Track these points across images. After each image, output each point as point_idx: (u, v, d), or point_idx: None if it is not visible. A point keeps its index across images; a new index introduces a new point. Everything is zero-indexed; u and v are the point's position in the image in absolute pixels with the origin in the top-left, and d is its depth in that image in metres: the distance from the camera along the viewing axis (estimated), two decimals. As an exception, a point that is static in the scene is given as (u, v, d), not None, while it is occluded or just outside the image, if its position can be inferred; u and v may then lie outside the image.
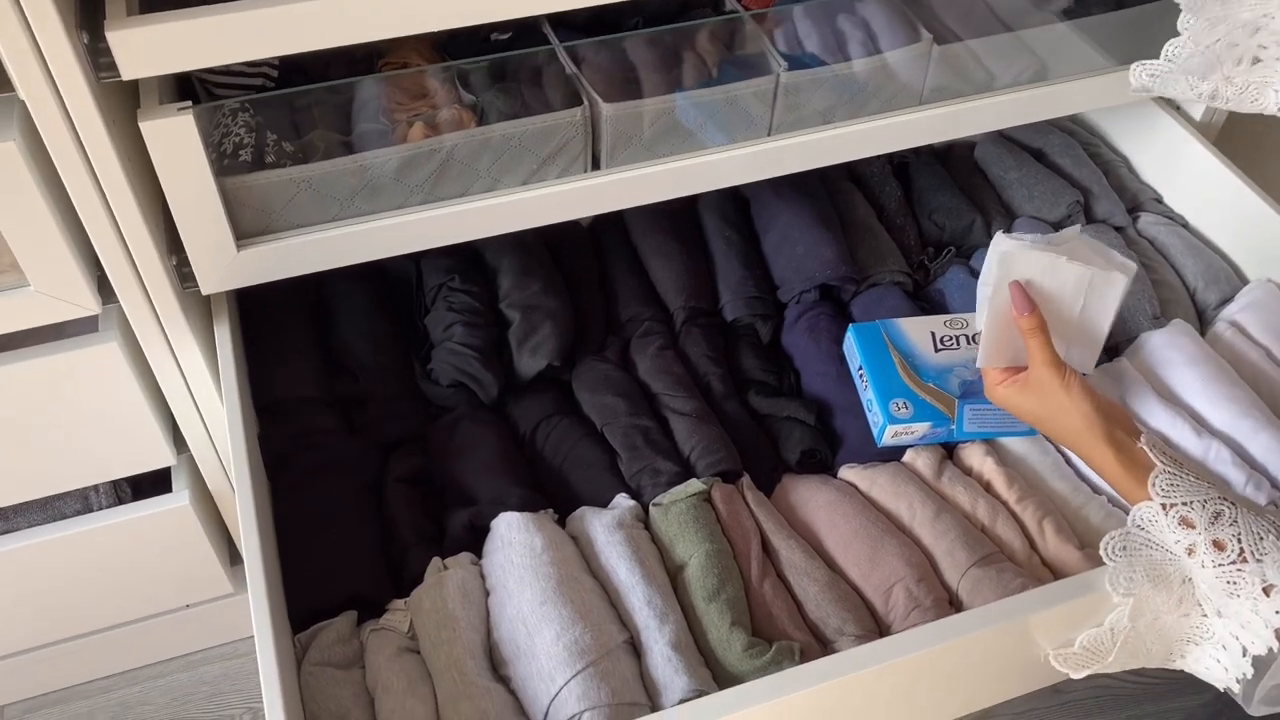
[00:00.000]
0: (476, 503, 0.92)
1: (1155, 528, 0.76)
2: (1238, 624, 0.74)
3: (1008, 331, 0.86)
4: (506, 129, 0.91)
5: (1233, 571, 0.71)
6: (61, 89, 0.74)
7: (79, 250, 0.84)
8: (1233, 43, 0.90)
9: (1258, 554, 0.71)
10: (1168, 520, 0.75)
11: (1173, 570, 0.77)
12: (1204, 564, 0.72)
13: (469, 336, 1.01)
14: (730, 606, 0.85)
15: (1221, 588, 0.72)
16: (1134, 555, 0.78)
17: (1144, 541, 0.77)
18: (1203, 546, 0.73)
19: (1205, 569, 0.72)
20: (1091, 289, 0.86)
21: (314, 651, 0.83)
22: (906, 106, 1.04)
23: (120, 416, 0.96)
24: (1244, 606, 0.72)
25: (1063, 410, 0.81)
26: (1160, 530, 0.75)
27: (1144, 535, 0.77)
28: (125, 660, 1.24)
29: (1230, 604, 0.73)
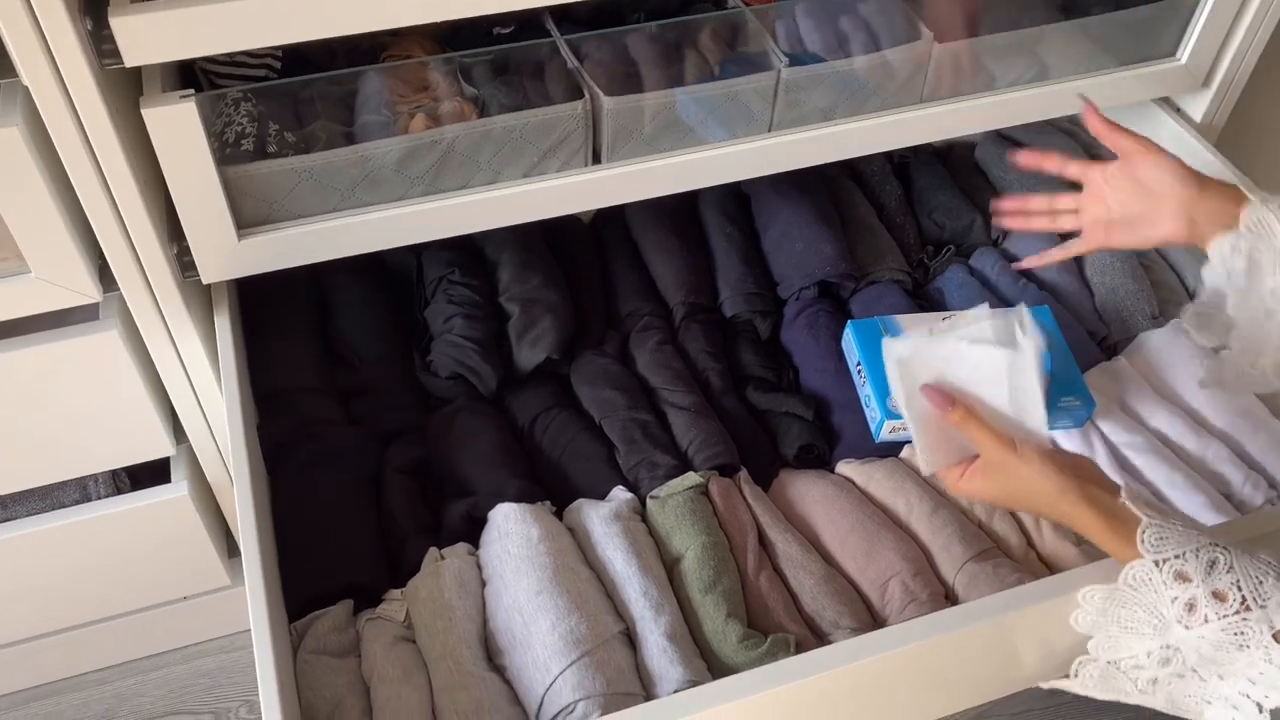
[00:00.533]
0: (474, 494, 0.93)
1: (1149, 587, 0.72)
2: (1246, 681, 0.70)
3: (940, 431, 0.82)
4: (508, 121, 0.91)
5: (1238, 622, 0.68)
6: (65, 75, 0.74)
7: (80, 238, 0.84)
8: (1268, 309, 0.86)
9: (1260, 600, 0.68)
10: (1163, 576, 0.71)
11: (1151, 634, 0.73)
12: (1207, 618, 0.69)
13: (469, 329, 1.02)
14: (726, 598, 0.85)
15: (1229, 640, 0.68)
16: (1111, 612, 0.75)
17: (1130, 601, 0.74)
18: (1203, 599, 0.69)
19: (1209, 624, 0.69)
20: (1009, 367, 0.81)
21: (310, 639, 0.83)
22: (907, 105, 1.04)
23: (120, 406, 0.97)
24: (1255, 657, 0.68)
25: (1029, 483, 0.78)
26: (1155, 589, 0.71)
27: (1132, 595, 0.73)
28: (121, 652, 1.24)
29: (1237, 659, 0.69)
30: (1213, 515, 0.91)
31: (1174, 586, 0.71)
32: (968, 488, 0.81)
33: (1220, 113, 1.20)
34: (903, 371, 0.82)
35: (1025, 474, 0.78)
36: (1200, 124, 1.20)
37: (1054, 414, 0.87)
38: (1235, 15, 1.09)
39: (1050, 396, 0.82)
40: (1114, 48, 1.10)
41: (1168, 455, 0.96)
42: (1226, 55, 1.13)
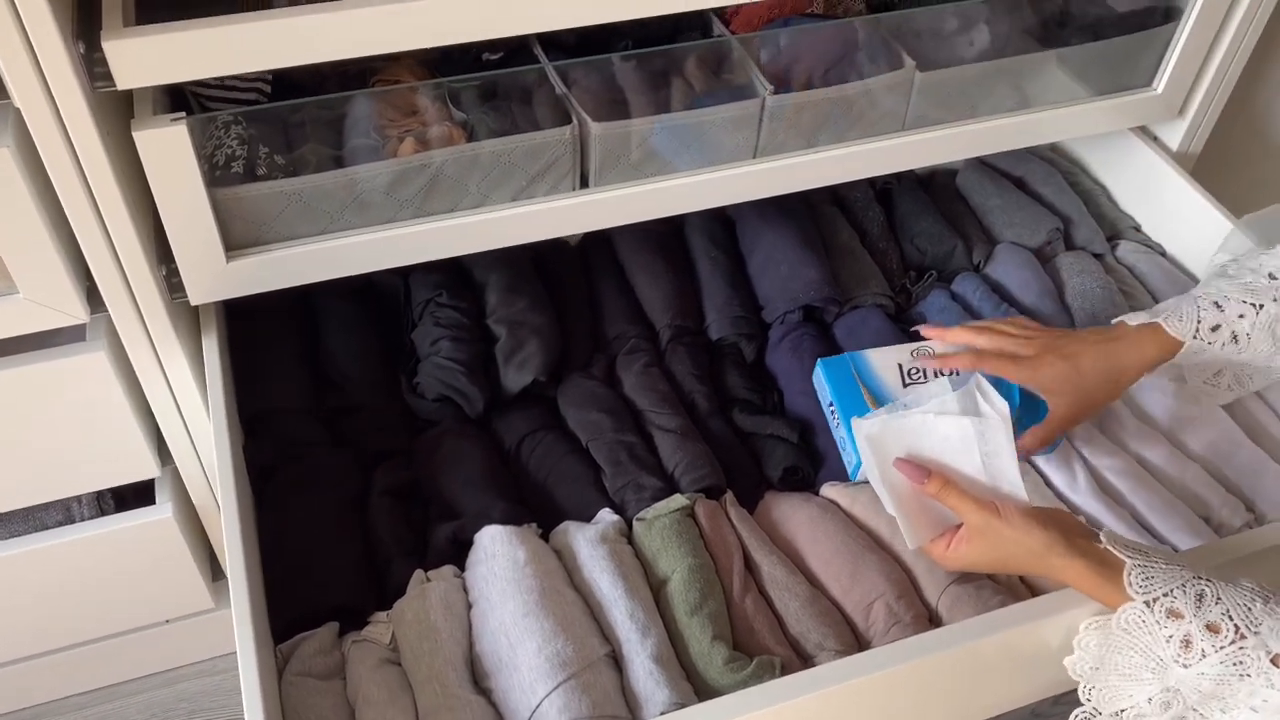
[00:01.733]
0: (461, 516, 0.93)
1: (1143, 629, 0.72)
2: (1249, 711, 0.70)
3: (918, 503, 0.83)
4: (496, 146, 0.92)
5: (1236, 652, 0.68)
6: (57, 98, 0.74)
7: (69, 258, 0.85)
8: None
9: (1253, 627, 0.69)
10: (1155, 616, 0.71)
11: (1150, 678, 0.73)
12: (1204, 653, 0.69)
13: (456, 351, 1.02)
14: (712, 621, 0.85)
15: (1229, 672, 0.69)
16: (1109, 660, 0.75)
17: (1125, 646, 0.73)
18: (1198, 634, 0.69)
19: (1206, 658, 0.69)
20: (978, 434, 0.83)
21: (295, 662, 0.83)
22: (890, 132, 1.06)
23: (105, 427, 0.96)
24: (1257, 685, 0.68)
25: (1016, 544, 0.78)
26: (1149, 631, 0.71)
27: (1127, 639, 0.73)
28: (103, 676, 1.23)
29: (1239, 689, 0.69)
30: (1191, 538, 0.92)
31: (1168, 625, 0.71)
32: (955, 557, 0.82)
33: (1196, 141, 1.22)
34: (874, 447, 0.83)
35: (1010, 535, 0.78)
36: (1176, 152, 1.22)
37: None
38: (1210, 46, 1.12)
39: (1019, 429, 0.85)
40: (1092, 77, 1.12)
41: (1147, 479, 0.97)
42: (1202, 85, 1.15)
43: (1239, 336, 0.86)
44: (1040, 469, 1.00)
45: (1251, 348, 0.87)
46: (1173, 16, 1.10)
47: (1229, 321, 0.86)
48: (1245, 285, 0.88)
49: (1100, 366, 0.87)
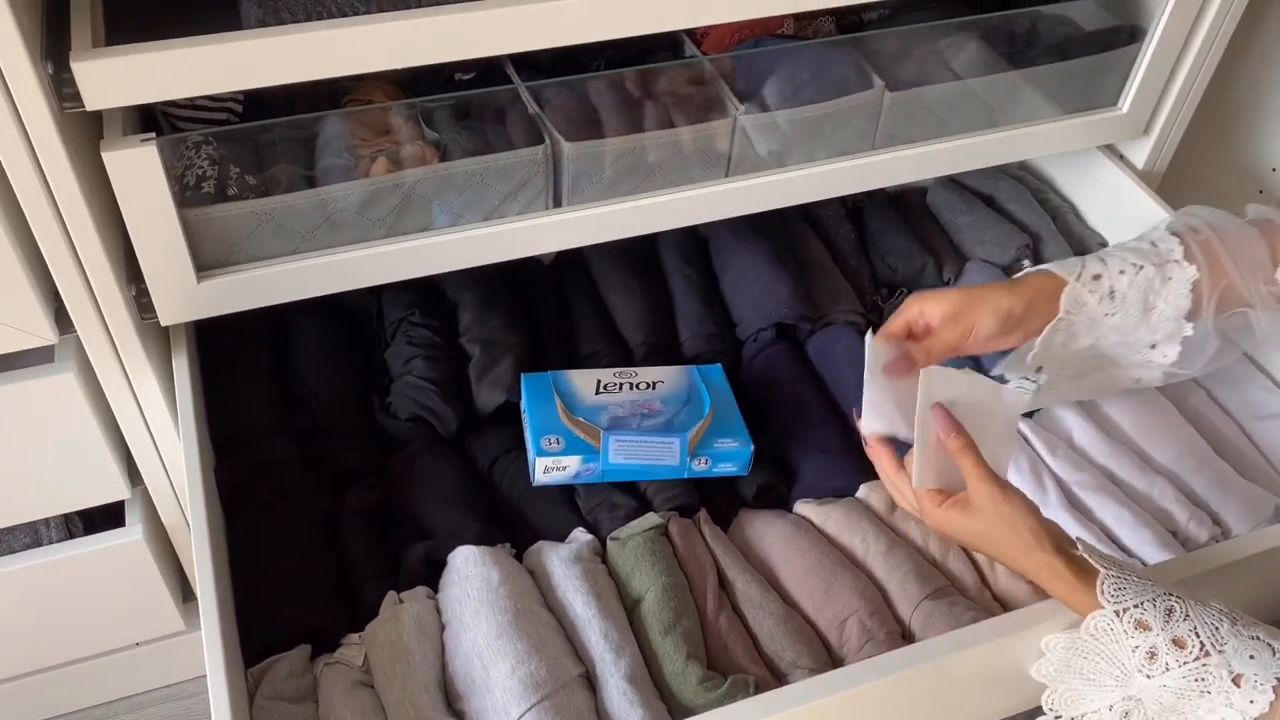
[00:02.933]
0: (433, 536, 0.92)
1: (1110, 637, 0.73)
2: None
3: (939, 453, 0.84)
4: (469, 165, 0.92)
5: (1199, 668, 0.70)
6: (24, 118, 0.74)
7: (36, 279, 0.84)
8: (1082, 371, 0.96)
9: (1219, 645, 0.70)
10: (1123, 626, 0.72)
11: (1113, 685, 0.74)
12: (1168, 666, 0.70)
13: (429, 370, 1.02)
14: (686, 640, 0.85)
15: (1190, 688, 0.70)
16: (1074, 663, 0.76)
17: (1091, 651, 0.75)
18: (1164, 647, 0.71)
19: (1170, 671, 0.70)
20: (1007, 406, 0.86)
21: (266, 685, 0.82)
22: (861, 151, 1.07)
23: (74, 448, 0.95)
24: (1216, 703, 0.69)
25: (1008, 525, 0.78)
26: (1116, 639, 0.73)
27: (1094, 645, 0.74)
28: (69, 701, 1.21)
29: (1199, 705, 0.70)
30: (1159, 551, 0.93)
31: (1135, 635, 0.72)
32: (944, 520, 0.82)
33: (1161, 159, 1.24)
34: (925, 384, 0.84)
35: (1006, 514, 0.78)
36: (1142, 170, 1.24)
37: (712, 453, 0.95)
38: (1173, 66, 1.14)
39: (709, 438, 0.95)
40: (1059, 96, 1.13)
41: (1115, 493, 0.98)
42: (1166, 104, 1.17)
43: (1115, 293, 0.89)
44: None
45: (1123, 309, 0.89)
46: (1137, 37, 1.12)
47: (1110, 275, 0.90)
48: (1133, 248, 0.92)
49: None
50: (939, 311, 0.88)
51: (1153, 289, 0.89)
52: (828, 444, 1.03)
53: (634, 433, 0.94)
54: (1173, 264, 0.89)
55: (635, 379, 1.02)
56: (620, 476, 0.96)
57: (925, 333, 0.89)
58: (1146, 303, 0.90)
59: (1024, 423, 1.05)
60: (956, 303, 0.88)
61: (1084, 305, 0.90)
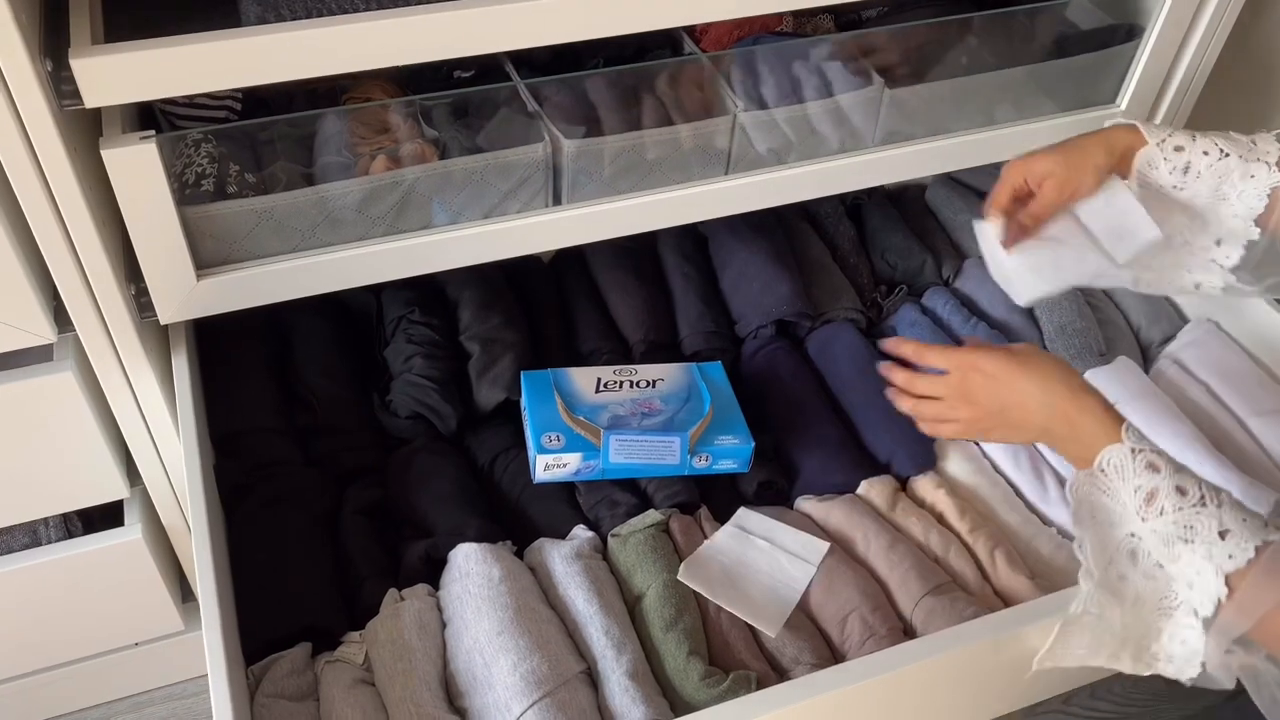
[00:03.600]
0: (434, 534, 0.92)
1: (1119, 475, 0.74)
2: (1185, 585, 0.72)
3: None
4: (468, 163, 0.92)
5: (1191, 514, 0.71)
6: (23, 116, 0.74)
7: (36, 278, 0.84)
8: None
9: (1216, 502, 0.71)
10: (1135, 464, 0.73)
11: (1116, 523, 0.76)
12: (1163, 510, 0.72)
13: (429, 368, 1.02)
14: (687, 636, 0.85)
15: (1178, 534, 0.71)
16: (1091, 499, 0.76)
17: (1103, 488, 0.75)
18: (1165, 490, 0.72)
19: (1164, 515, 0.71)
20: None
21: (267, 683, 0.82)
22: (860, 149, 1.07)
23: (73, 448, 0.95)
24: (1197, 553, 0.70)
25: (1054, 363, 0.80)
26: (1124, 476, 0.74)
27: (1104, 482, 0.75)
28: (69, 701, 1.21)
29: (1180, 556, 0.71)
30: (1161, 547, 0.93)
31: (1142, 474, 0.73)
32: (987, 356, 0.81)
33: (1159, 158, 1.23)
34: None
35: (1053, 361, 0.80)
36: (1141, 168, 1.24)
37: (713, 450, 0.96)
38: (1171, 64, 1.14)
39: (710, 435, 0.95)
40: (1056, 94, 1.13)
41: (1116, 489, 0.98)
42: (1163, 102, 1.17)
43: (1191, 169, 0.90)
44: (1012, 480, 1.01)
45: (1193, 187, 0.90)
46: (1135, 35, 1.12)
47: (1192, 151, 0.90)
48: (1233, 138, 0.91)
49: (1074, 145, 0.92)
50: (1043, 174, 0.91)
51: (1229, 179, 0.89)
52: (828, 440, 1.03)
53: (634, 432, 0.94)
54: (1260, 163, 0.88)
55: (635, 377, 1.02)
56: (621, 474, 0.96)
57: (1029, 196, 0.92)
58: (1219, 191, 0.89)
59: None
60: (1061, 165, 0.90)
61: (1155, 169, 0.90)
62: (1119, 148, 0.91)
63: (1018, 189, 0.92)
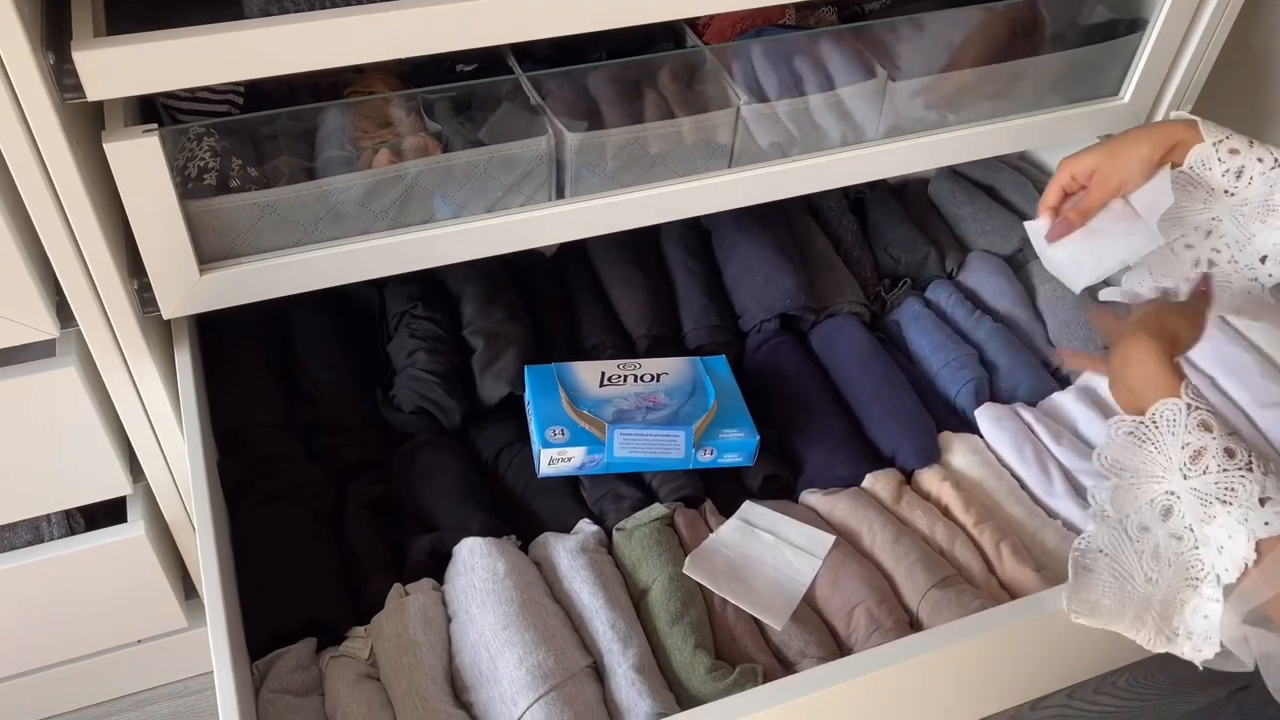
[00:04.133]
0: (438, 528, 0.92)
1: (1169, 428, 0.74)
2: (1215, 548, 0.72)
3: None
4: (471, 156, 0.92)
5: (1235, 476, 0.71)
6: (25, 108, 0.73)
7: (38, 273, 0.83)
8: (1188, 244, 0.98)
9: (1264, 469, 0.71)
10: (1188, 420, 0.74)
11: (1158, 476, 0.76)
12: (1207, 468, 0.72)
13: (432, 363, 1.02)
14: (694, 630, 0.85)
15: (1218, 494, 0.71)
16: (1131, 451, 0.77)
17: (1149, 439, 0.76)
18: (1213, 450, 0.72)
19: (1207, 474, 0.71)
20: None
21: (272, 679, 0.82)
22: (863, 141, 1.06)
23: (76, 444, 0.95)
24: (1233, 515, 0.70)
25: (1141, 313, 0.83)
26: (1175, 430, 0.74)
27: (1154, 433, 0.75)
28: (71, 699, 1.21)
29: (1216, 517, 0.71)
30: (1167, 539, 0.93)
31: (1193, 431, 0.73)
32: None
33: (1162, 150, 1.23)
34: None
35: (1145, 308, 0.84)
36: (1144, 160, 1.23)
37: (718, 444, 0.96)
38: (1175, 55, 1.14)
39: (715, 429, 0.96)
40: (1060, 86, 1.13)
41: (1121, 481, 0.98)
42: (1167, 93, 1.17)
43: (1243, 173, 0.91)
44: (1017, 474, 1.01)
45: (1243, 192, 0.92)
46: (1139, 27, 1.12)
47: (1247, 156, 0.92)
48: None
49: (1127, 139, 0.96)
50: (1089, 170, 0.94)
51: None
52: (832, 434, 1.03)
53: (639, 426, 0.94)
54: None
55: (639, 371, 1.01)
56: (625, 468, 0.96)
57: (1078, 192, 0.95)
58: (1269, 201, 0.90)
59: (1028, 411, 1.05)
60: (1105, 160, 0.94)
61: (1209, 170, 0.92)
62: (1170, 140, 0.93)
63: (1066, 186, 0.96)
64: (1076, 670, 1.05)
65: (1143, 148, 0.93)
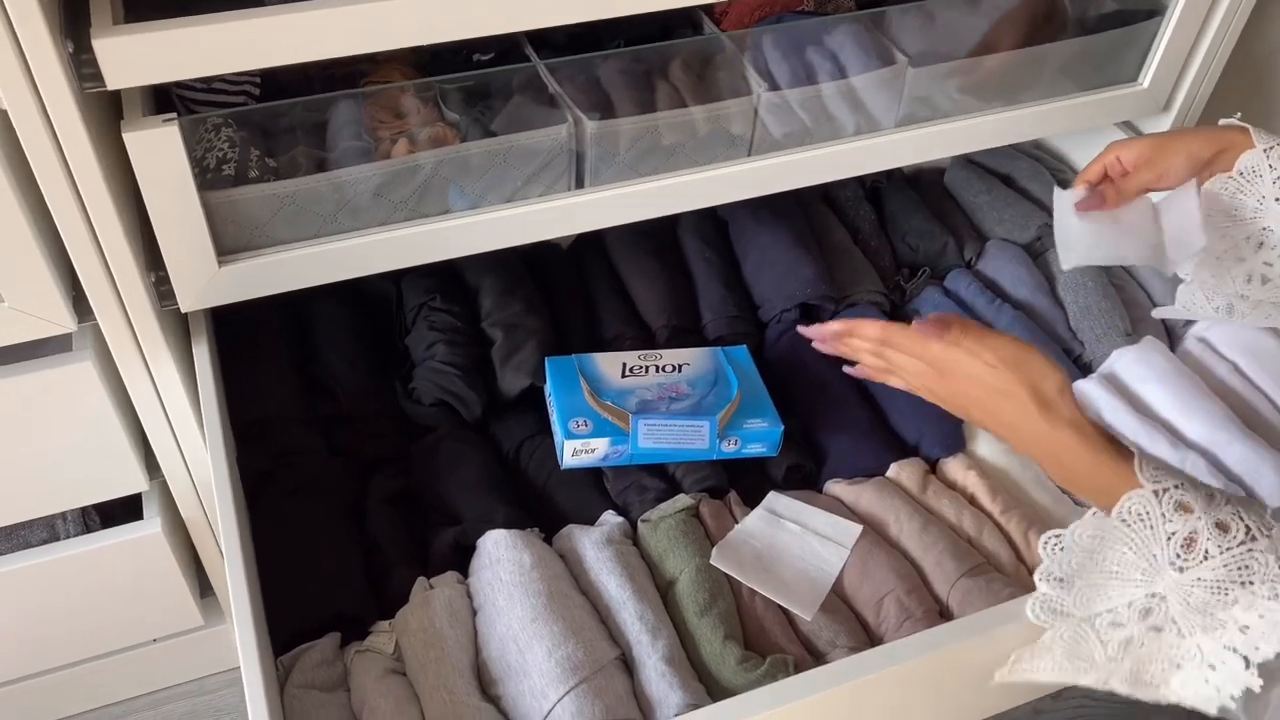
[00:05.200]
0: (462, 521, 0.91)
1: (1144, 523, 0.66)
2: (1236, 631, 0.64)
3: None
4: (491, 146, 0.91)
5: (1244, 554, 0.63)
6: (45, 98, 0.72)
7: (56, 266, 0.82)
8: (1239, 257, 0.95)
9: (1265, 529, 0.64)
10: (1162, 508, 0.65)
11: (1140, 580, 0.69)
12: (1207, 554, 0.64)
13: (452, 355, 1.01)
14: (722, 620, 0.84)
15: (1231, 578, 0.63)
16: (1099, 554, 0.69)
17: (1121, 539, 0.68)
18: (1205, 531, 0.63)
19: (1209, 560, 0.64)
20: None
21: (297, 674, 0.81)
22: (882, 129, 1.05)
23: (93, 439, 0.94)
24: (1261, 594, 0.63)
25: (1035, 368, 0.73)
26: (1151, 525, 0.66)
27: (1126, 533, 0.67)
28: (86, 700, 1.20)
29: (1238, 600, 0.64)
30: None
31: (1174, 519, 0.65)
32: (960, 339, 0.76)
33: (1180, 137, 1.22)
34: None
35: (1038, 363, 0.74)
36: (1161, 147, 1.23)
37: (742, 434, 0.95)
38: (1194, 40, 1.13)
39: (738, 419, 0.95)
40: (1077, 73, 1.12)
41: (1150, 468, 0.97)
42: (1186, 79, 1.16)
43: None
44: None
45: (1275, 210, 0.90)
46: (1157, 11, 1.11)
47: None
48: None
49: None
50: (1135, 156, 0.94)
51: None
52: (855, 424, 1.02)
53: (663, 416, 0.93)
54: None
55: (660, 361, 1.00)
56: (649, 459, 0.95)
57: (1121, 176, 0.95)
58: None
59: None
60: (1153, 148, 0.93)
61: (1259, 176, 0.90)
62: (1221, 142, 0.92)
63: (1109, 166, 0.95)
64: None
65: (1192, 144, 0.92)
